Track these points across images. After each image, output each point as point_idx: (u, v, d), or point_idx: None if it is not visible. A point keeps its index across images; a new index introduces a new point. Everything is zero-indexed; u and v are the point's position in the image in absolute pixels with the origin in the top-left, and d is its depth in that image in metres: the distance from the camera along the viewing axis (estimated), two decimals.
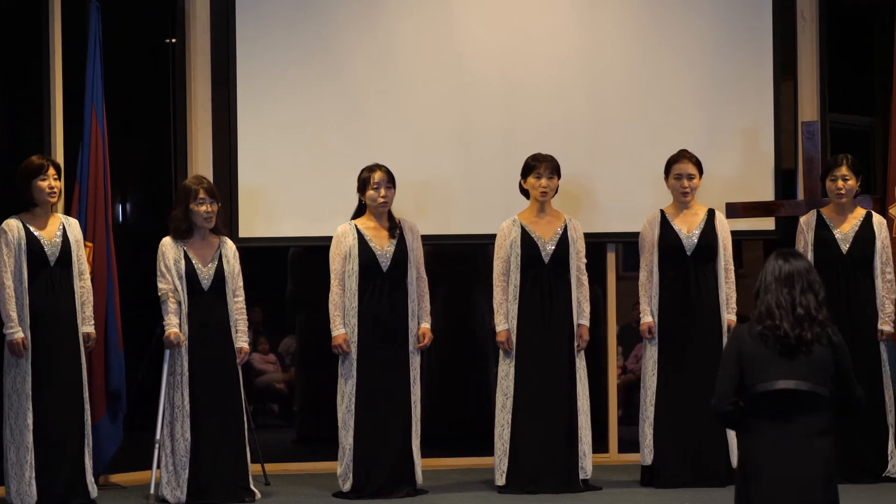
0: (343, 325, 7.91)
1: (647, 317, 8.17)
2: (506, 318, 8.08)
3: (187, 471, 7.72)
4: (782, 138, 9.15)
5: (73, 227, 7.69)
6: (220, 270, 7.83)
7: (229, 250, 7.92)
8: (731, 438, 8.09)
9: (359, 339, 7.91)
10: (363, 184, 8.01)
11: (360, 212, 8.07)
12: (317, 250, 8.56)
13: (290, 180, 8.90)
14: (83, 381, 7.61)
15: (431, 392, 9.03)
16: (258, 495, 7.90)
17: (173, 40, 8.96)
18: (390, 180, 8.00)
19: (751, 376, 5.04)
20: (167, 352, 7.80)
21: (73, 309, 7.60)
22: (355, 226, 8.00)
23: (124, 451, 8.27)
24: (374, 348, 7.92)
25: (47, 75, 8.34)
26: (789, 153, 9.22)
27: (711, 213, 8.28)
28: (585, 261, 8.19)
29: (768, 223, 9.09)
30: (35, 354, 7.47)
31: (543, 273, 8.09)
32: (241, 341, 7.89)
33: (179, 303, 7.78)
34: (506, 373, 8.09)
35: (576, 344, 8.09)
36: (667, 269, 8.19)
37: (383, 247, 7.97)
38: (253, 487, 7.90)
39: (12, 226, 7.50)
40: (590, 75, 9.09)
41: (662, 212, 8.28)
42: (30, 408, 7.44)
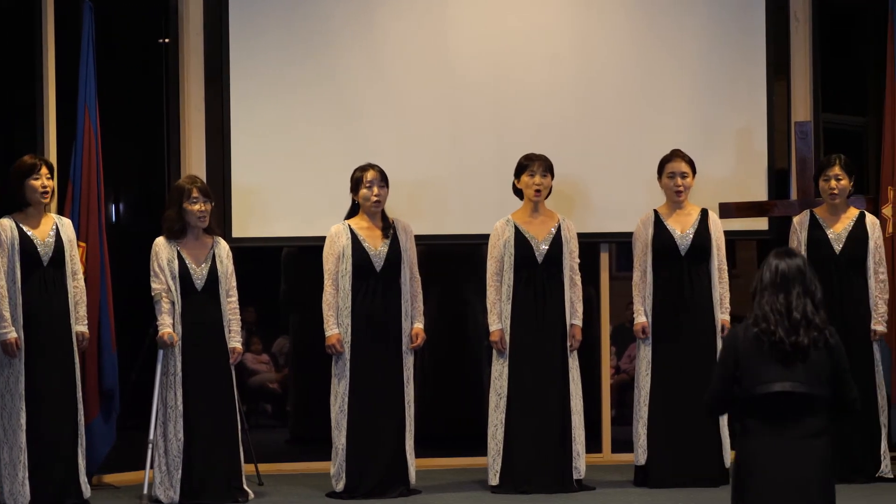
0: (336, 325, 7.91)
1: (641, 317, 8.17)
2: (499, 318, 8.08)
3: (180, 471, 7.71)
4: (775, 138, 9.16)
5: (67, 226, 7.68)
6: (213, 270, 7.83)
7: (223, 250, 7.92)
8: (725, 438, 8.10)
9: (352, 339, 7.90)
10: (356, 183, 8.00)
11: (353, 212, 8.06)
12: (310, 250, 8.56)
13: (283, 180, 8.89)
14: (76, 381, 7.60)
15: (425, 392, 9.03)
16: (251, 495, 7.90)
17: (166, 40, 8.96)
18: (383, 179, 8.00)
19: (747, 378, 5.04)
20: (160, 352, 7.80)
21: (67, 309, 7.59)
22: (349, 226, 8.00)
23: (117, 451, 8.26)
24: (367, 348, 7.92)
25: (40, 75, 8.32)
26: (782, 153, 9.22)
27: (705, 213, 8.28)
28: (579, 261, 8.19)
29: (761, 223, 9.10)
30: (28, 354, 7.45)
31: (537, 273, 8.08)
32: (235, 341, 7.88)
33: (173, 303, 7.77)
34: (499, 373, 8.08)
35: (569, 344, 8.09)
36: (661, 269, 8.19)
37: (377, 247, 7.96)
38: (246, 487, 7.89)
39: (5, 225, 7.47)
40: (583, 75, 9.09)
41: (656, 212, 8.28)
42: (23, 408, 7.43)
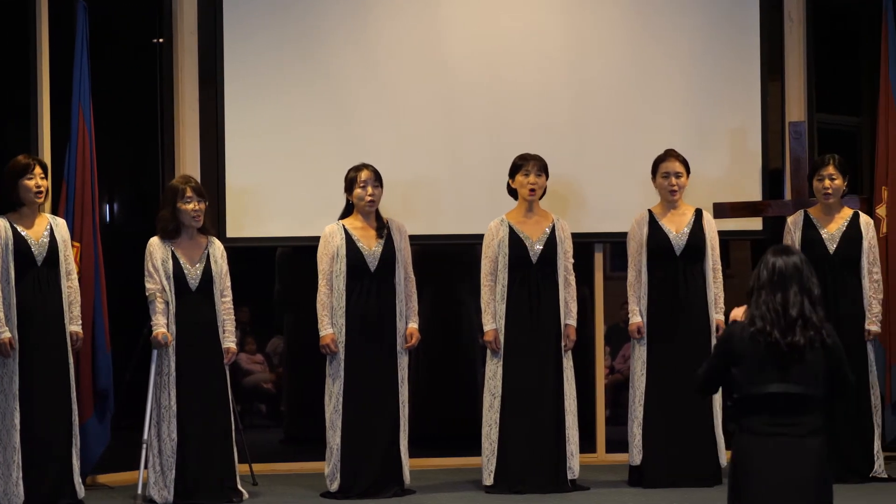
0: (331, 325, 7.90)
1: (636, 317, 8.17)
2: (493, 318, 8.07)
3: (174, 471, 7.71)
4: (769, 138, 9.16)
5: (61, 226, 7.67)
6: (207, 270, 7.82)
7: (217, 250, 7.91)
8: (720, 438, 8.11)
9: (346, 339, 7.90)
10: (350, 183, 8.00)
11: (347, 212, 8.06)
12: (304, 250, 8.56)
13: (277, 180, 8.89)
14: (70, 381, 7.60)
15: (419, 392, 9.03)
16: (246, 495, 7.89)
17: (161, 40, 8.95)
18: (377, 179, 7.99)
19: (743, 377, 5.03)
20: (155, 352, 7.79)
21: (61, 309, 7.58)
22: (343, 226, 8.00)
23: (112, 452, 8.26)
24: (361, 348, 7.91)
25: (34, 74, 8.32)
26: (776, 153, 9.22)
27: (699, 213, 8.28)
28: (573, 261, 8.19)
29: (755, 223, 9.10)
30: (22, 354, 7.45)
31: (531, 273, 8.08)
32: (229, 341, 7.88)
33: (167, 303, 7.76)
34: (493, 373, 8.08)
35: (563, 344, 8.08)
36: (655, 269, 8.19)
37: (371, 247, 7.96)
38: (240, 487, 7.89)
39: None
40: (577, 75, 9.08)
41: (650, 212, 8.28)
42: (17, 408, 7.42)
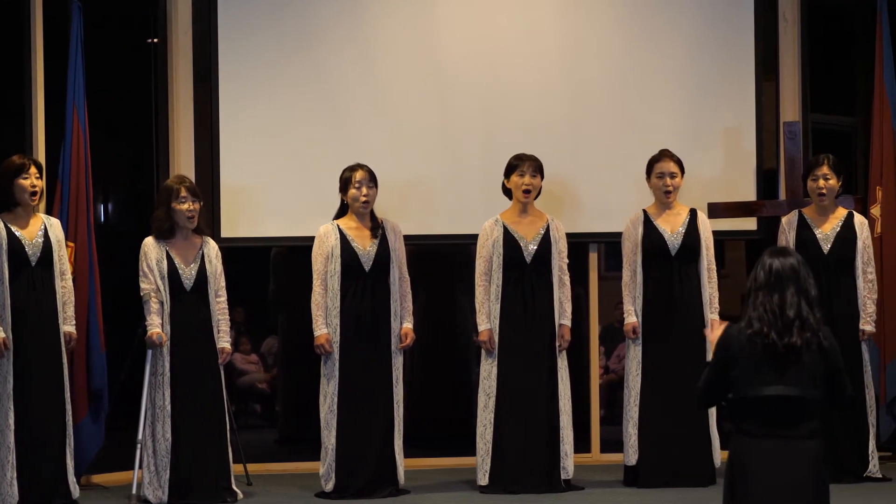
0: (325, 325, 7.90)
1: (632, 317, 8.17)
2: (488, 318, 8.07)
3: (168, 471, 7.70)
4: (764, 138, 9.16)
5: (55, 226, 7.67)
6: (202, 270, 7.82)
7: (212, 250, 7.91)
8: (715, 438, 8.11)
9: (341, 339, 7.90)
10: (345, 183, 8.00)
11: (342, 212, 8.06)
12: (299, 250, 8.55)
13: (272, 180, 8.88)
14: (65, 381, 7.59)
15: (414, 392, 9.02)
16: (240, 495, 7.89)
17: (155, 40, 8.94)
18: (372, 179, 7.99)
19: (740, 380, 5.03)
20: (149, 352, 7.79)
21: (55, 309, 7.57)
22: (337, 226, 7.99)
23: (106, 452, 8.25)
24: (356, 348, 7.91)
25: (29, 74, 8.32)
26: (771, 153, 9.22)
27: (694, 213, 8.28)
28: (567, 261, 8.19)
29: (750, 223, 9.10)
30: (16, 354, 7.44)
31: (525, 273, 8.08)
32: (223, 341, 7.87)
33: (162, 303, 7.76)
34: (488, 373, 8.08)
35: (558, 344, 8.09)
36: (650, 270, 8.19)
37: (365, 247, 7.96)
38: (235, 488, 7.89)
39: None
40: (572, 75, 9.09)
41: (645, 212, 8.28)
42: (11, 408, 7.41)
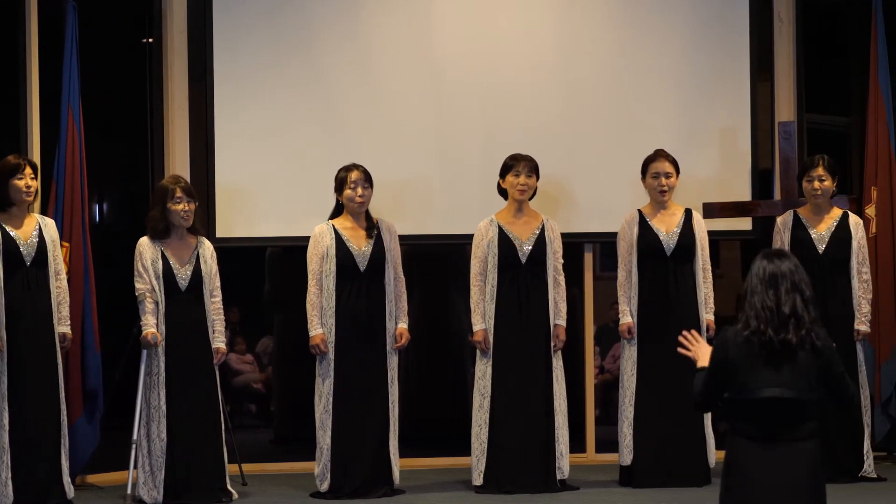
0: (320, 325, 7.90)
1: (627, 317, 8.17)
2: (483, 318, 8.07)
3: (164, 471, 7.70)
4: (759, 138, 9.16)
5: (50, 226, 7.66)
6: (197, 271, 7.82)
7: (207, 250, 7.91)
8: (710, 438, 8.11)
9: (336, 339, 7.90)
10: (340, 183, 8.00)
11: (337, 212, 8.06)
12: (294, 250, 8.55)
13: (267, 180, 8.88)
14: (59, 381, 7.58)
15: (409, 392, 9.02)
16: (235, 495, 7.89)
17: (150, 40, 8.94)
18: (367, 179, 7.99)
19: (737, 382, 5.02)
20: (144, 352, 7.78)
21: (49, 309, 7.57)
22: (333, 226, 7.99)
23: (101, 452, 8.25)
24: (351, 348, 7.91)
25: (24, 74, 8.31)
26: (766, 153, 9.23)
27: (689, 213, 8.28)
28: (562, 261, 8.19)
29: (745, 223, 9.10)
30: (11, 355, 7.44)
31: (520, 273, 8.08)
32: (219, 341, 7.87)
33: (157, 303, 7.76)
34: (483, 373, 8.08)
35: (553, 344, 8.09)
36: (645, 270, 8.19)
37: (361, 247, 7.96)
38: (230, 488, 7.88)
39: None
40: (567, 76, 9.09)
41: (640, 212, 8.28)
42: (6, 408, 7.41)
